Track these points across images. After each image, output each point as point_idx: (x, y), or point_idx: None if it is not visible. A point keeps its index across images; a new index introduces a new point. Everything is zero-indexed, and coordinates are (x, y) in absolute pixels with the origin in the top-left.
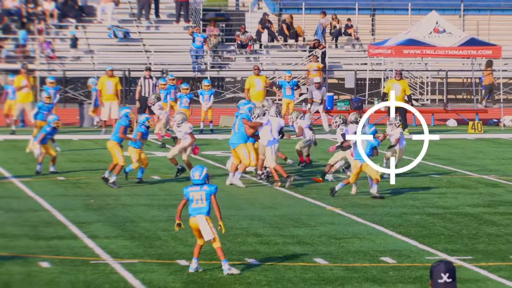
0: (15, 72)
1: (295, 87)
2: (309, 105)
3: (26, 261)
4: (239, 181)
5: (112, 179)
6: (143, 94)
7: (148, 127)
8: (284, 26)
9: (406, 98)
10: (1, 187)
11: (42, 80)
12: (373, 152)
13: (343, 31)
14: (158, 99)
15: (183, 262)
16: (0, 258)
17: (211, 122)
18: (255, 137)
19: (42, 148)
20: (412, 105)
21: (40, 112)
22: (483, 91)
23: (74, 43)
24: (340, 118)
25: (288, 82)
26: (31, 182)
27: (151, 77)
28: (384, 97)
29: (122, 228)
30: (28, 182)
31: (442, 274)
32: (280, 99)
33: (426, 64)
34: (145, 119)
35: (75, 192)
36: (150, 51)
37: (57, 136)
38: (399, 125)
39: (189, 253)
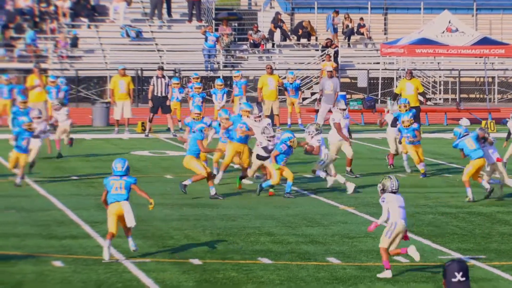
0: (28, 71)
1: (298, 89)
2: (321, 104)
3: (39, 260)
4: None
5: (212, 191)
6: (155, 94)
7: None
8: (300, 28)
9: (419, 96)
10: (12, 186)
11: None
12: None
13: (355, 30)
14: (63, 104)
15: (195, 261)
16: (13, 257)
17: None
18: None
19: (13, 153)
20: (427, 101)
21: (15, 118)
22: None
23: (74, 42)
24: (314, 128)
25: (291, 83)
26: (43, 181)
27: (163, 76)
28: (396, 97)
29: (135, 227)
30: (41, 182)
31: (456, 273)
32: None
33: (438, 63)
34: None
35: (88, 192)
36: (163, 50)
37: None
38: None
39: (202, 252)
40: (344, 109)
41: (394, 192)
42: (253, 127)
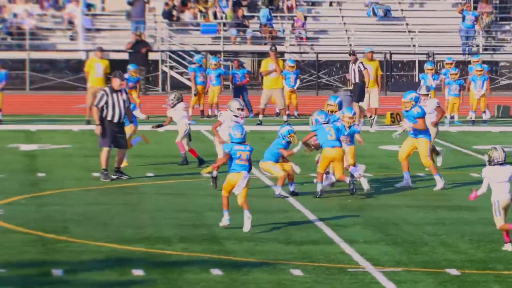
0: (262, 55)
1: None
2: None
3: (275, 268)
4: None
5: (277, 190)
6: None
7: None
8: None
9: None
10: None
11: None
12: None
13: None
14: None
15: (453, 271)
16: (247, 264)
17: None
18: None
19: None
20: None
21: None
22: None
23: (313, 22)
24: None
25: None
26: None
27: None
28: None
29: (383, 232)
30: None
31: None
32: None
33: None
34: (287, 132)
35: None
36: (414, 31)
37: None
38: None
39: (459, 260)
40: None
41: (501, 164)
42: None
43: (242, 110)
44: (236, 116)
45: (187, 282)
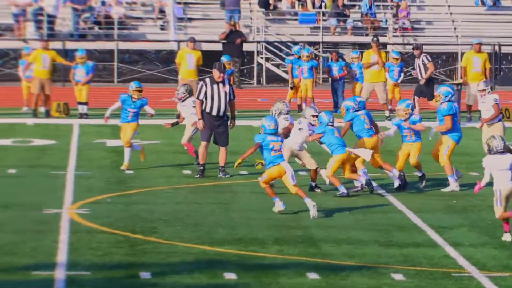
0: (364, 46)
1: None
2: None
3: (376, 272)
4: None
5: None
6: None
7: None
8: None
9: None
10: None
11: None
12: None
13: None
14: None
15: None
16: (345, 268)
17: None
18: None
19: None
20: None
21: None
22: None
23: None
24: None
25: None
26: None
27: None
28: None
29: (490, 235)
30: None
31: None
32: None
33: None
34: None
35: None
36: None
37: None
38: None
39: None
40: None
41: (501, 153)
42: None
43: (317, 117)
44: (312, 124)
45: (281, 286)
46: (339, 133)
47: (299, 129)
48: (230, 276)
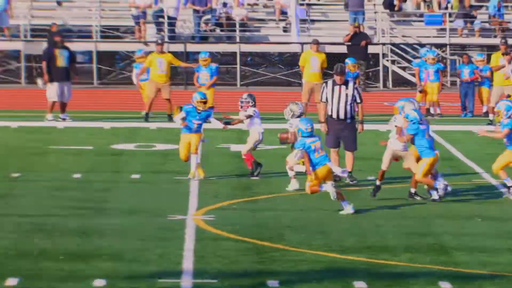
0: (492, 48)
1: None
2: None
3: (510, 282)
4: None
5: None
6: None
7: None
8: None
9: None
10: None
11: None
12: None
13: None
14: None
15: None
16: (479, 277)
17: None
18: None
19: None
20: None
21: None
22: None
23: None
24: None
25: None
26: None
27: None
28: None
29: None
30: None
31: None
32: None
33: None
34: None
35: None
36: None
37: None
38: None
39: None
40: None
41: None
42: None
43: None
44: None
45: None
46: (430, 135)
47: (395, 126)
48: (360, 285)
